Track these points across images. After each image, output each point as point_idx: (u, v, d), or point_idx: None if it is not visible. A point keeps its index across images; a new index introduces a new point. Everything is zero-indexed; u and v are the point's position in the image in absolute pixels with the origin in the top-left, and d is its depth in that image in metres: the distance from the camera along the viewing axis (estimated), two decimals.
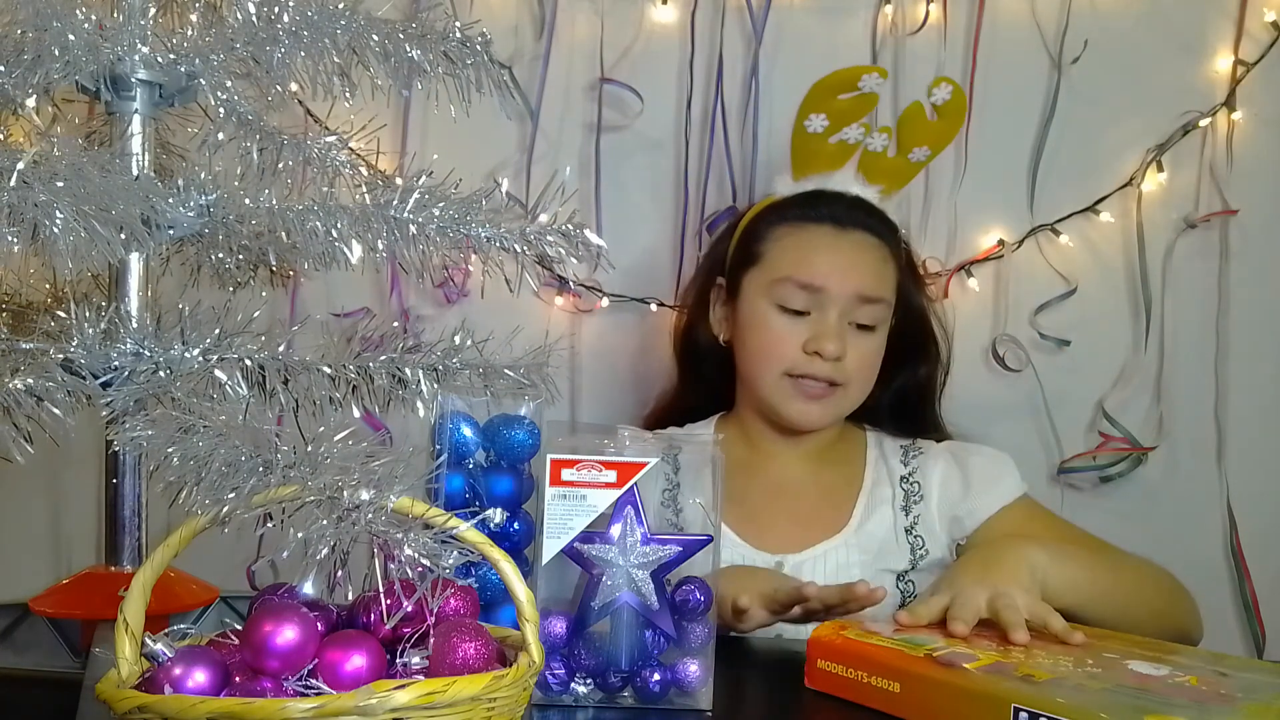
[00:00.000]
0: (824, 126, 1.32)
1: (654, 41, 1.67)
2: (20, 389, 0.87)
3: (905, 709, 0.86)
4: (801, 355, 1.27)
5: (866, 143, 1.34)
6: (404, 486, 0.71)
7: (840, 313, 1.27)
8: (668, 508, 1.20)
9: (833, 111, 1.32)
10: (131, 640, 0.67)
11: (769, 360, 1.29)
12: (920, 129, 1.36)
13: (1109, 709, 0.76)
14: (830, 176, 1.35)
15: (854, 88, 1.32)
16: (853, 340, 1.28)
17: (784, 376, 1.28)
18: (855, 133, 1.33)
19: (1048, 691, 0.79)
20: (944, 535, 1.31)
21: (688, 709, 0.86)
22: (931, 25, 1.66)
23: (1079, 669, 0.86)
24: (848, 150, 1.34)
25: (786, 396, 1.29)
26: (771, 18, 1.66)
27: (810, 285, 1.27)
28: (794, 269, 1.28)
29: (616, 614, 0.86)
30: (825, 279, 1.27)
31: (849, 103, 1.32)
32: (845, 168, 1.35)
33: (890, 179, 1.37)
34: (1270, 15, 1.66)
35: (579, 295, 1.66)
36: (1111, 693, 0.80)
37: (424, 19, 1.03)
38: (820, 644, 0.93)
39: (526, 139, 1.66)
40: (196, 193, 0.95)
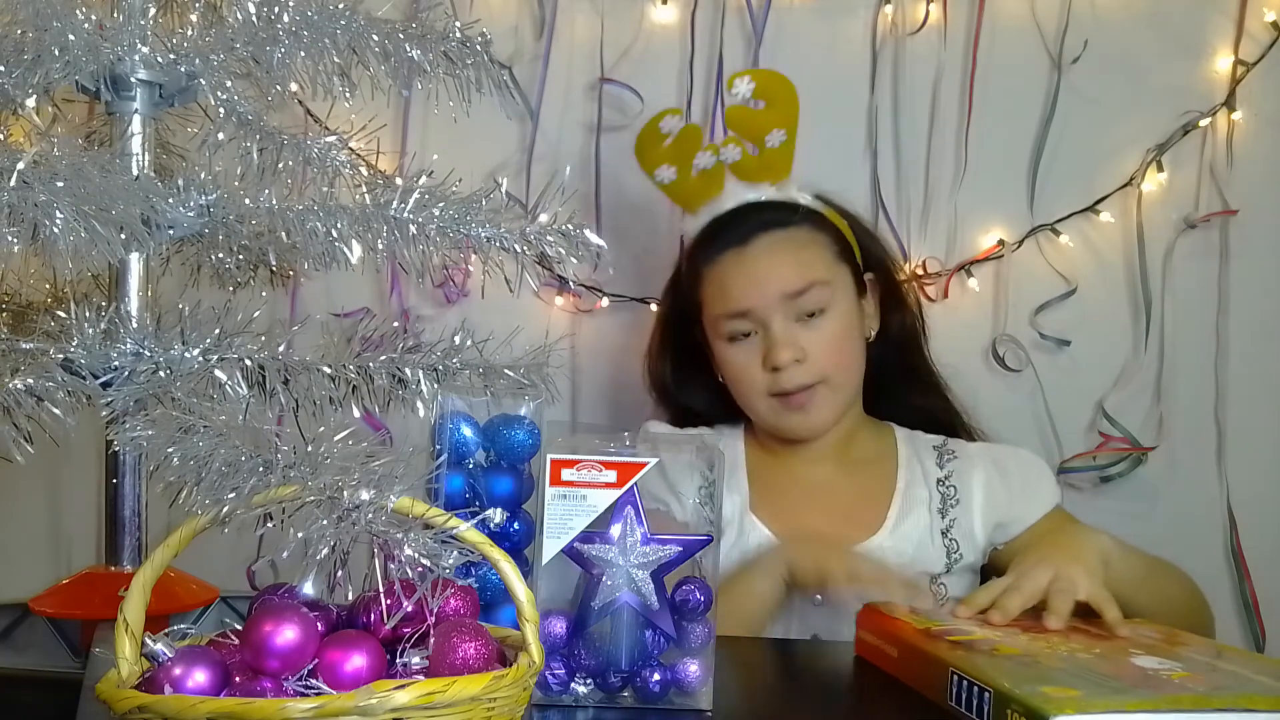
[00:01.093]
0: (675, 173, 1.34)
1: (654, 41, 1.67)
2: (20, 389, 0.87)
3: (900, 671, 0.96)
4: (767, 375, 1.28)
5: (723, 158, 1.32)
6: (404, 486, 0.71)
7: (780, 318, 1.27)
8: (705, 506, 1.20)
9: (669, 158, 1.34)
10: (131, 640, 0.67)
11: (747, 389, 1.31)
12: (755, 121, 1.33)
13: (1014, 677, 0.81)
14: (720, 200, 1.34)
15: (661, 136, 1.34)
16: (807, 334, 1.28)
17: (766, 398, 1.30)
18: (706, 158, 1.33)
19: (982, 661, 0.86)
20: (983, 540, 1.31)
21: (688, 709, 0.86)
22: (931, 25, 1.66)
23: (1072, 654, 0.89)
24: (717, 173, 1.33)
25: (778, 414, 1.30)
26: (771, 18, 1.66)
27: (736, 312, 1.28)
28: (720, 304, 1.30)
29: (616, 614, 0.86)
30: (744, 300, 1.28)
31: (676, 144, 1.34)
32: (726, 186, 1.34)
33: (769, 172, 1.34)
34: (1270, 15, 1.66)
35: (579, 295, 1.66)
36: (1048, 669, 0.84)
37: (424, 19, 1.03)
38: (865, 616, 1.04)
39: (526, 139, 1.66)
40: (196, 193, 0.95)
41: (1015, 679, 0.80)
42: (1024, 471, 1.34)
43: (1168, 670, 0.85)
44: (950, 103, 1.67)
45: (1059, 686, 0.79)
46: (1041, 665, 0.85)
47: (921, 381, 1.41)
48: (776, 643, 1.09)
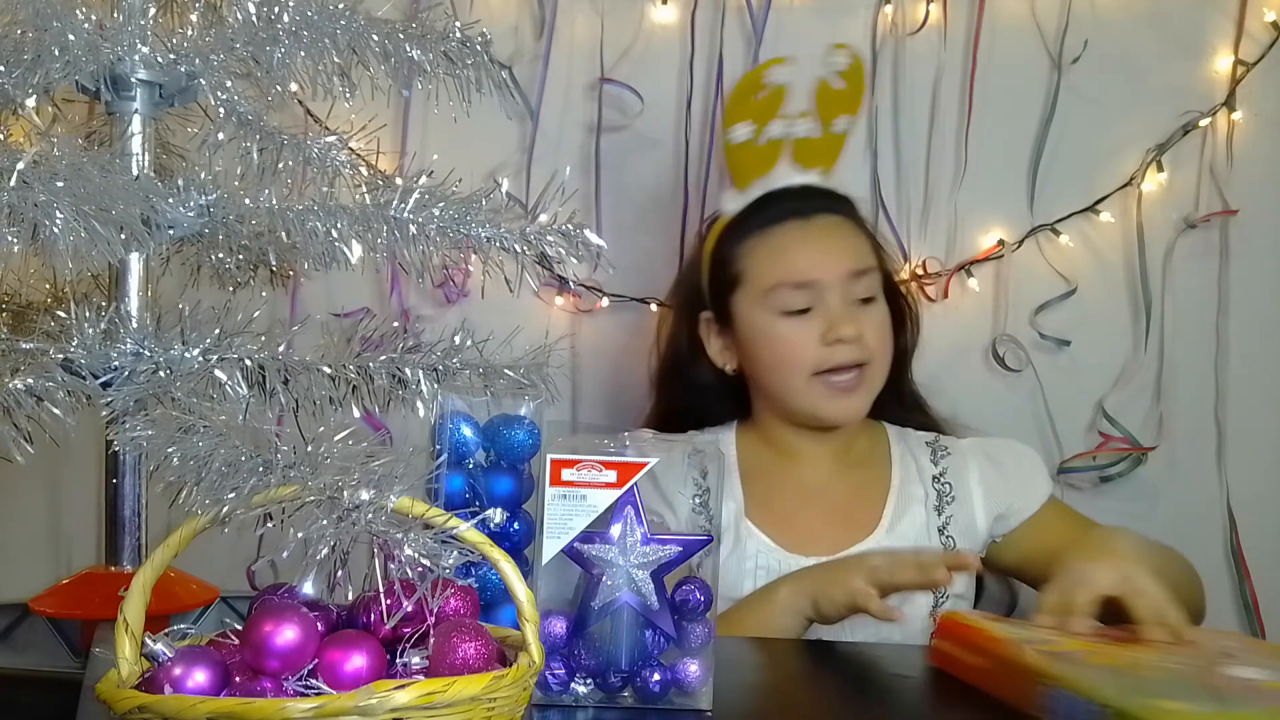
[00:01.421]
0: (751, 132, 1.32)
1: (654, 41, 1.67)
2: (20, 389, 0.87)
3: (988, 683, 0.91)
4: (823, 349, 1.27)
5: (792, 132, 1.33)
6: (404, 486, 0.71)
7: (840, 295, 1.27)
8: (700, 514, 1.20)
9: (753, 115, 1.32)
10: (131, 640, 0.67)
11: (793, 366, 1.28)
12: (832, 100, 1.35)
13: (1119, 688, 0.77)
14: (770, 177, 1.34)
15: (761, 86, 1.32)
16: (861, 316, 1.28)
17: (812, 378, 1.28)
18: (780, 127, 1.32)
19: (1080, 671, 0.82)
20: (984, 534, 1.31)
21: (688, 709, 0.86)
22: (931, 25, 1.66)
23: (1163, 665, 0.87)
24: (777, 146, 1.34)
25: (821, 398, 1.28)
26: (771, 18, 1.66)
27: (803, 281, 1.27)
28: (781, 273, 1.28)
29: (616, 614, 0.86)
30: (813, 270, 1.27)
31: (764, 101, 1.33)
32: (780, 164, 1.34)
33: (823, 159, 1.36)
34: (1270, 15, 1.66)
35: (579, 295, 1.66)
36: (1147, 680, 0.81)
37: (424, 19, 1.03)
38: (945, 626, 0.99)
39: (526, 139, 1.66)
40: (196, 193, 0.95)
41: (1122, 692, 0.77)
42: (1018, 462, 1.34)
43: (1260, 679, 0.83)
44: (950, 103, 1.67)
45: (1168, 700, 0.76)
46: (1141, 677, 0.82)
47: (904, 398, 1.41)
48: (776, 643, 1.09)
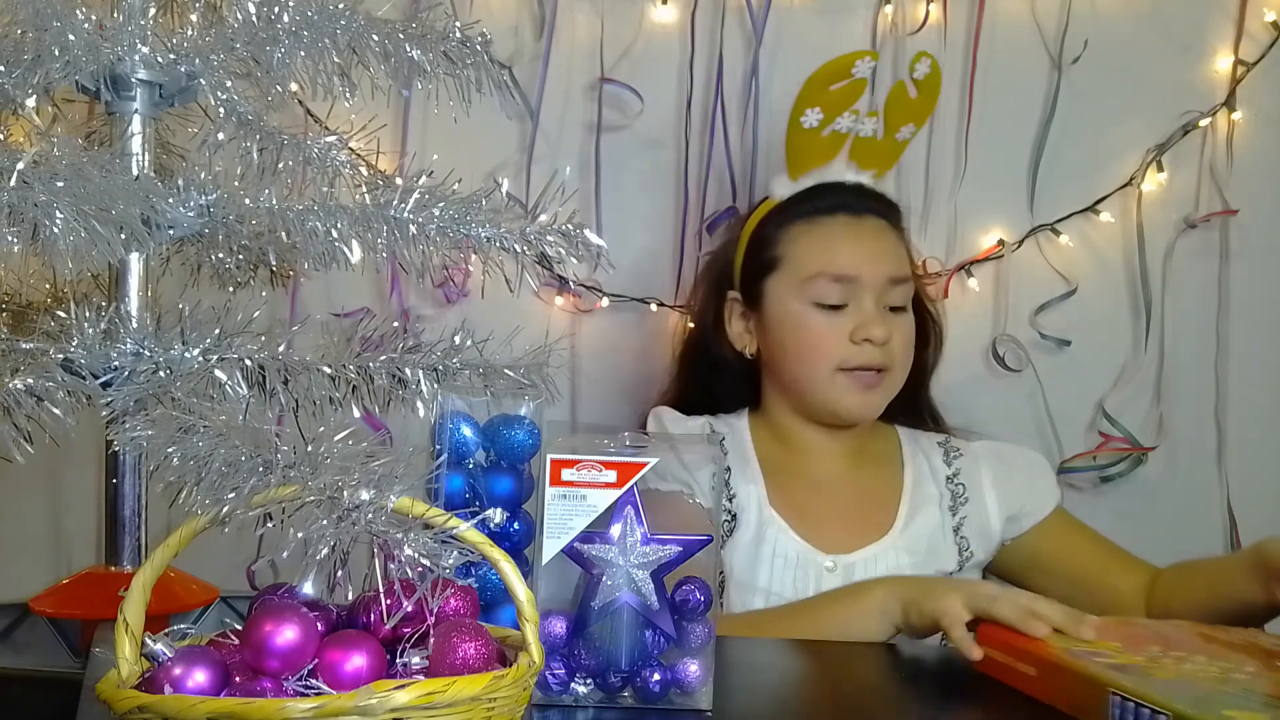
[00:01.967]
0: (819, 120, 1.32)
1: (654, 41, 1.67)
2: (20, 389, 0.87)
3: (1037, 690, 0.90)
4: (850, 347, 1.27)
5: (857, 129, 1.34)
6: (404, 486, 0.71)
7: (875, 298, 1.28)
8: (718, 491, 1.21)
9: (827, 103, 1.32)
10: (131, 640, 0.67)
11: (818, 358, 1.29)
12: (905, 107, 1.36)
13: (1189, 700, 0.77)
14: (826, 169, 1.35)
15: (847, 75, 1.32)
16: (891, 322, 1.29)
17: (836, 372, 1.28)
18: (847, 121, 1.33)
19: (1145, 682, 0.82)
20: (997, 536, 1.32)
21: (688, 709, 0.86)
22: (931, 25, 1.66)
23: (1226, 675, 0.86)
24: (839, 140, 1.34)
25: (842, 392, 1.29)
26: (771, 18, 1.66)
27: (844, 276, 1.28)
28: (823, 264, 1.28)
29: (616, 614, 0.86)
30: (857, 268, 1.28)
31: (841, 92, 1.33)
32: (838, 158, 1.35)
33: (880, 162, 1.38)
34: (1270, 15, 1.66)
35: (579, 295, 1.66)
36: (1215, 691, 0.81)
37: (424, 19, 1.03)
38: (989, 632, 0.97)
39: (526, 139, 1.66)
40: (196, 193, 0.95)
41: (1190, 703, 0.77)
42: (1029, 467, 1.36)
43: None
44: (950, 103, 1.67)
45: (1238, 710, 0.76)
46: (1206, 687, 0.82)
47: (920, 411, 1.42)
48: (775, 643, 1.09)
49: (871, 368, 1.28)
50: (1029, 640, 0.93)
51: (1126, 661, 0.88)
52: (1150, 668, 0.86)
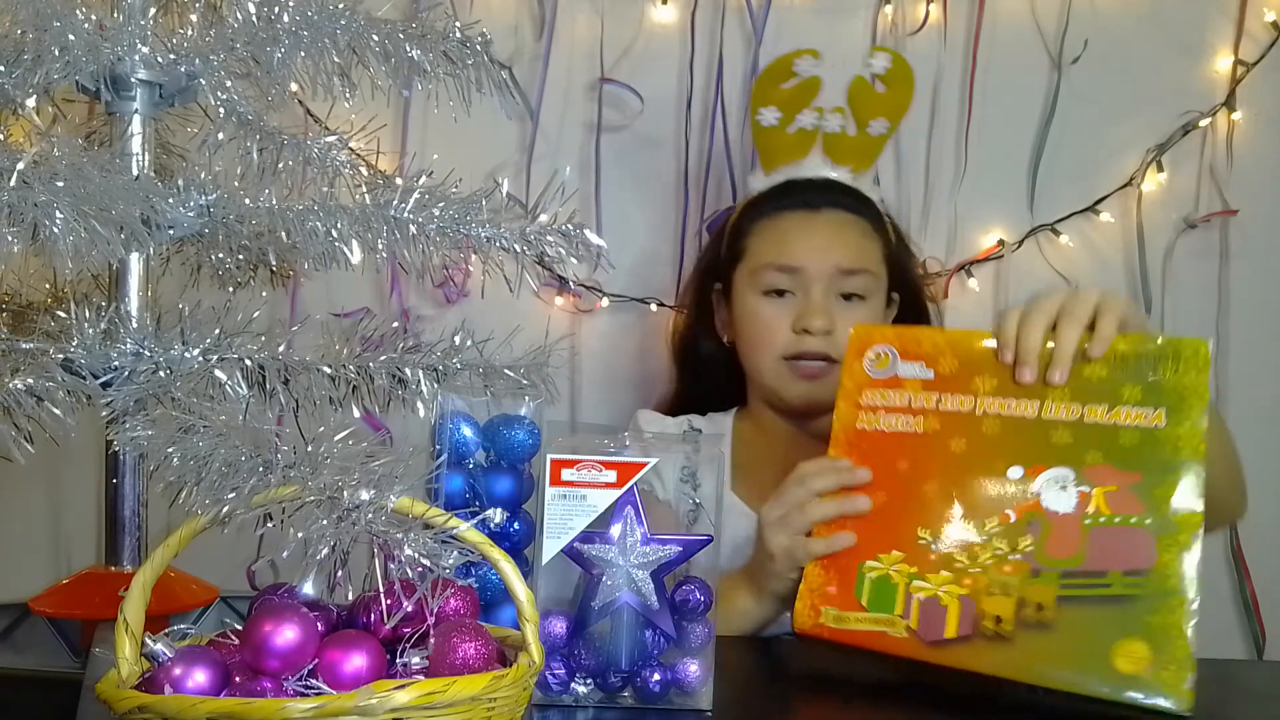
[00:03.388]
0: (778, 119, 1.35)
1: (654, 41, 1.67)
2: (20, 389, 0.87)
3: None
4: (792, 336, 1.29)
5: (823, 125, 1.35)
6: (404, 486, 0.71)
7: (823, 288, 1.29)
8: (686, 483, 1.21)
9: (780, 102, 1.35)
10: (131, 640, 0.67)
11: (764, 347, 1.31)
12: (870, 102, 1.37)
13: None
14: (799, 165, 1.37)
15: (791, 74, 1.35)
16: (842, 312, 1.29)
17: (781, 361, 1.30)
18: (810, 118, 1.35)
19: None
20: None
21: (688, 709, 0.86)
22: (931, 25, 1.66)
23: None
24: (809, 137, 1.36)
25: (786, 380, 1.31)
26: (771, 18, 1.66)
27: (788, 267, 1.30)
28: (773, 255, 1.31)
29: (616, 614, 0.86)
30: (802, 258, 1.29)
31: (793, 91, 1.35)
32: (811, 154, 1.37)
33: (857, 158, 1.38)
34: (1270, 15, 1.66)
35: (579, 295, 1.66)
36: None
37: (424, 19, 1.03)
38: (808, 639, 0.98)
39: (526, 139, 1.66)
40: (196, 193, 0.95)
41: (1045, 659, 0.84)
42: None
43: None
44: (950, 103, 1.67)
45: None
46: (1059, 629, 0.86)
47: None
48: (775, 643, 1.09)
49: (813, 356, 1.29)
50: (864, 636, 0.94)
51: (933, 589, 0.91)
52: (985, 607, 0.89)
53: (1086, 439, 0.91)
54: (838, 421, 1.01)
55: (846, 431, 1.00)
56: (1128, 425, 0.90)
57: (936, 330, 1.01)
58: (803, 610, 0.97)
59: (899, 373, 0.99)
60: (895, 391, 0.98)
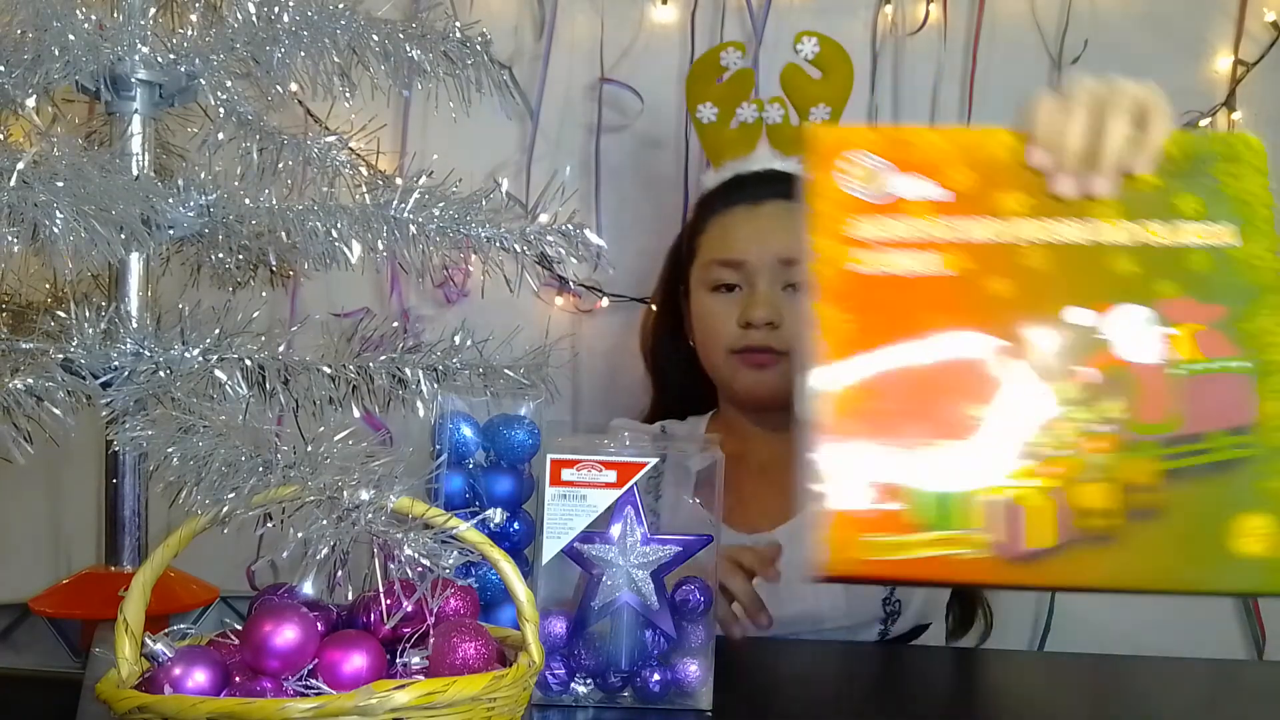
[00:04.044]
0: (715, 114, 1.36)
1: (654, 41, 1.67)
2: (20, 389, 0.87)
3: None
4: (738, 330, 1.29)
5: (765, 117, 1.36)
6: (404, 486, 0.71)
7: (768, 281, 1.29)
8: (649, 493, 1.19)
9: (716, 98, 1.35)
10: (131, 640, 0.67)
11: (713, 342, 1.32)
12: (807, 89, 1.37)
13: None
14: (748, 160, 1.37)
15: (719, 69, 1.35)
16: (789, 303, 1.29)
17: (729, 354, 1.30)
18: (749, 112, 1.35)
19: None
20: None
21: (688, 709, 0.86)
22: (931, 25, 1.66)
23: None
24: (752, 130, 1.36)
25: (735, 371, 1.31)
26: (771, 18, 1.66)
27: (730, 261, 1.30)
28: (718, 250, 1.32)
29: (616, 614, 0.86)
30: (743, 252, 1.29)
31: (727, 85, 1.35)
32: (759, 147, 1.37)
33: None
34: (1270, 15, 1.66)
35: (579, 295, 1.66)
36: None
37: (424, 19, 1.03)
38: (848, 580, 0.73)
39: (526, 139, 1.66)
40: (196, 193, 0.95)
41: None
42: None
43: None
44: (950, 103, 1.67)
45: None
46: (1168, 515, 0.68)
47: None
48: (776, 643, 1.09)
49: (759, 350, 1.28)
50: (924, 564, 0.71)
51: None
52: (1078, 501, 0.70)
53: (1154, 266, 0.73)
54: (818, 264, 0.76)
55: (834, 277, 0.75)
56: (1198, 246, 0.74)
57: (931, 130, 0.78)
58: (837, 541, 0.71)
59: (898, 191, 0.76)
60: (897, 219, 0.76)
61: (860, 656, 1.04)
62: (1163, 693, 1.00)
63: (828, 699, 0.95)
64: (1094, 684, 1.01)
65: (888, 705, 0.93)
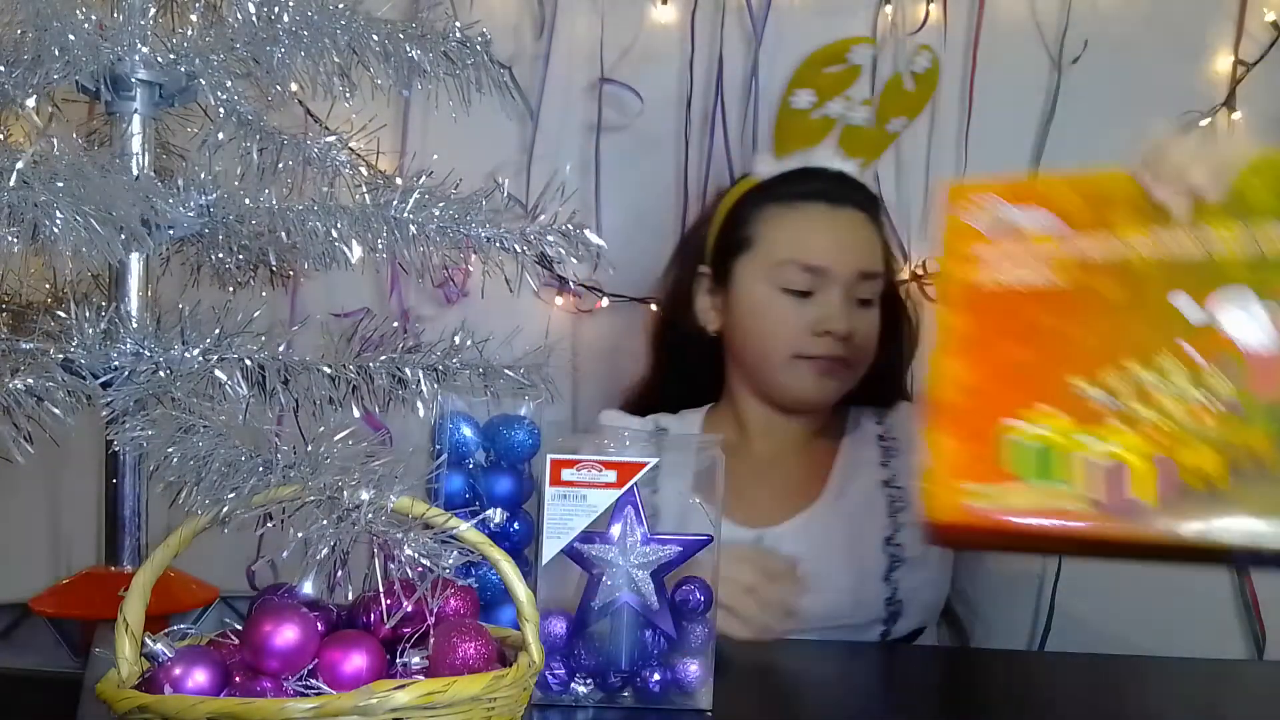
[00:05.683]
0: (810, 102, 1.34)
1: (654, 41, 1.67)
2: (20, 389, 0.87)
3: None
4: (810, 337, 1.27)
5: (848, 116, 1.34)
6: (404, 486, 0.71)
7: (845, 291, 1.28)
8: (646, 486, 1.20)
9: (820, 86, 1.34)
10: (131, 640, 0.67)
11: (777, 344, 1.29)
12: (899, 100, 1.37)
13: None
14: (811, 152, 1.35)
15: (842, 60, 1.34)
16: (855, 316, 1.29)
17: (794, 358, 1.29)
18: (838, 107, 1.34)
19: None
20: None
21: (688, 709, 0.86)
22: (931, 25, 1.66)
23: None
24: (828, 125, 1.35)
25: (799, 376, 1.29)
26: (771, 18, 1.66)
27: (814, 267, 1.27)
28: (795, 251, 1.28)
29: (616, 614, 0.86)
30: (827, 259, 1.27)
31: (835, 76, 1.34)
32: (825, 142, 1.35)
33: (868, 150, 1.38)
34: (1270, 15, 1.66)
35: (579, 295, 1.66)
36: None
37: (424, 19, 1.03)
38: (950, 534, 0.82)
39: (526, 139, 1.66)
40: (196, 193, 0.95)
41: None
42: None
43: None
44: (950, 103, 1.67)
45: None
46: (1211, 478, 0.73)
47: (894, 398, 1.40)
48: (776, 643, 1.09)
49: (831, 359, 1.28)
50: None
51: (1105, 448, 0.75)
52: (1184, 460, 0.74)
53: (1264, 268, 0.77)
54: (946, 281, 0.87)
55: (961, 290, 0.85)
56: None
57: (1044, 176, 0.90)
58: (942, 494, 0.79)
59: (1017, 222, 0.85)
60: (1018, 245, 0.84)
61: (860, 656, 1.04)
62: (1163, 693, 1.00)
63: (828, 699, 0.95)
64: (1093, 684, 1.01)
65: (888, 705, 0.93)
